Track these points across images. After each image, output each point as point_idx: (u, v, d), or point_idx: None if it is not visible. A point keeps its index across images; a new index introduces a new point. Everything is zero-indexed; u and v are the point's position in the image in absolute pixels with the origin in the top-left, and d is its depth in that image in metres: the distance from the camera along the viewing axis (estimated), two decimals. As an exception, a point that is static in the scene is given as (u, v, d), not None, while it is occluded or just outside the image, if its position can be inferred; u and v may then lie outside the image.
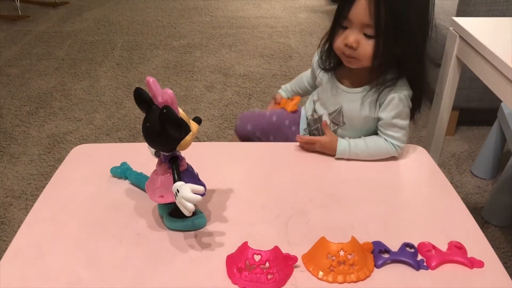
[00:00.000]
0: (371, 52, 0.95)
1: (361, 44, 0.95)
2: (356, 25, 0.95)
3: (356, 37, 0.95)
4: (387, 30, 0.93)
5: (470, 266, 0.74)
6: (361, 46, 0.95)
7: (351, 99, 1.03)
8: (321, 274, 0.71)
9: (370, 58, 0.96)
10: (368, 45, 0.95)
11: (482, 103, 2.01)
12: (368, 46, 0.95)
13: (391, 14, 0.92)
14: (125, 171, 0.92)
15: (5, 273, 0.72)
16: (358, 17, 0.94)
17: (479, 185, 1.79)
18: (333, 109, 1.06)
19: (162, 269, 0.73)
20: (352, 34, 0.95)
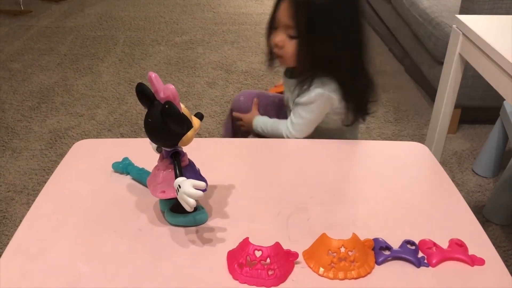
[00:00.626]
0: (294, 52, 1.01)
1: (285, 44, 1.02)
2: (281, 26, 1.01)
3: (281, 38, 1.02)
4: (308, 31, 0.98)
5: (471, 264, 0.74)
6: (285, 46, 1.02)
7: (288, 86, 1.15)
8: (321, 271, 0.72)
9: (294, 58, 1.02)
10: (292, 45, 1.01)
11: (484, 101, 2.01)
12: (291, 46, 1.01)
13: (312, 16, 0.97)
14: (127, 167, 0.92)
15: (7, 267, 0.72)
16: (282, 19, 1.00)
17: (480, 184, 1.78)
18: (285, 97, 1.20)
19: (163, 265, 0.73)
20: (278, 34, 1.02)
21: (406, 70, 2.67)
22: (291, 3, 0.98)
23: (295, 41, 1.00)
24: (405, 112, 2.27)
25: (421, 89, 2.47)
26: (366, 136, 2.08)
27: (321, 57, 1.02)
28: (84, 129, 2.07)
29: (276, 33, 1.03)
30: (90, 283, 0.70)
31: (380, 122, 2.18)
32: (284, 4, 1.00)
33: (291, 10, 0.98)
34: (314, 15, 0.97)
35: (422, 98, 2.40)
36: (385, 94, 2.43)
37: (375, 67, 2.09)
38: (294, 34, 1.00)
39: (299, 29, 0.99)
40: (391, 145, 1.15)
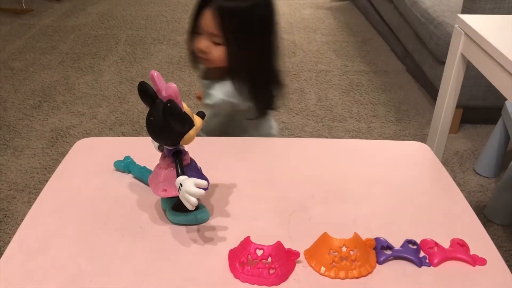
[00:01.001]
0: (221, 56, 1.06)
1: (211, 49, 1.05)
2: (205, 33, 1.05)
3: (206, 44, 1.05)
4: (232, 39, 1.03)
5: (472, 264, 0.74)
6: (211, 51, 1.06)
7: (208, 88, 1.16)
8: (323, 270, 0.71)
9: (223, 61, 1.07)
10: (218, 50, 1.05)
11: (486, 101, 2.01)
12: (218, 51, 1.05)
13: (237, 25, 1.02)
14: (129, 165, 0.92)
15: (9, 265, 0.73)
16: (206, 27, 1.03)
17: (482, 184, 1.78)
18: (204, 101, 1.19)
19: (164, 263, 0.73)
20: (202, 40, 1.06)
21: (407, 69, 2.67)
22: (216, 14, 1.02)
23: (220, 47, 1.05)
24: (407, 111, 2.27)
25: (422, 89, 2.47)
26: (368, 135, 2.08)
27: (243, 61, 1.08)
28: (86, 127, 2.07)
29: (200, 39, 1.06)
30: (91, 281, 0.70)
31: (382, 122, 2.18)
32: (208, 14, 1.03)
33: (216, 20, 1.02)
34: (239, 24, 1.03)
35: (423, 98, 2.39)
36: (387, 93, 2.43)
37: (376, 66, 2.10)
38: (219, 41, 1.04)
39: (225, 38, 1.04)
40: (393, 145, 1.15)
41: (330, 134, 2.09)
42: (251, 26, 1.05)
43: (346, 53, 2.86)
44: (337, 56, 2.82)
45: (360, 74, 2.61)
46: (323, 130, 2.12)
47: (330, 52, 2.87)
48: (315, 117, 2.20)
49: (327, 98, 2.36)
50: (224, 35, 1.03)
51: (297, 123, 2.15)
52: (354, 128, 2.13)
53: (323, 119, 2.19)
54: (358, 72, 2.63)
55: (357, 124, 2.16)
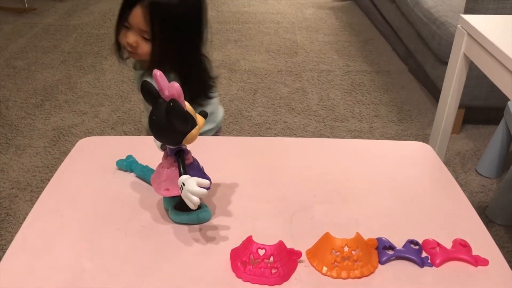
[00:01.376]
0: (149, 52, 1.09)
1: (140, 44, 1.08)
2: (135, 29, 1.07)
3: (135, 39, 1.08)
4: (162, 35, 1.06)
5: (474, 264, 0.74)
6: (140, 46, 1.09)
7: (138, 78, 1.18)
8: (325, 270, 0.71)
9: (148, 57, 1.10)
10: (146, 46, 1.08)
11: (488, 101, 2.01)
12: (146, 47, 1.08)
13: (167, 23, 1.05)
14: (131, 164, 0.93)
15: (11, 264, 0.73)
16: (136, 23, 1.06)
17: (484, 184, 1.78)
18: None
19: (166, 262, 0.73)
20: (131, 35, 1.08)
21: (409, 69, 2.67)
22: (147, 11, 1.04)
23: (149, 43, 1.08)
24: (409, 112, 2.27)
25: (424, 89, 2.47)
26: (369, 135, 2.08)
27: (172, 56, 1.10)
28: (88, 127, 2.08)
29: (129, 34, 1.08)
30: (93, 280, 0.70)
31: (384, 122, 2.18)
32: (138, 10, 1.05)
33: (147, 17, 1.04)
34: (170, 22, 1.06)
35: (425, 98, 2.39)
36: (389, 93, 2.43)
37: (379, 66, 2.10)
38: (148, 37, 1.07)
39: (155, 35, 1.06)
40: (395, 145, 1.15)
41: (332, 134, 2.09)
42: (181, 23, 1.08)
43: (348, 53, 2.86)
44: (339, 56, 2.82)
45: (362, 74, 2.61)
46: (325, 130, 2.12)
47: (332, 52, 2.86)
48: (317, 117, 2.20)
49: (329, 98, 2.36)
50: (154, 33, 1.06)
51: (299, 123, 2.15)
52: (356, 128, 2.13)
53: (325, 119, 2.19)
54: (360, 72, 2.63)
55: (359, 124, 2.16)
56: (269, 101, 2.30)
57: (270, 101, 2.31)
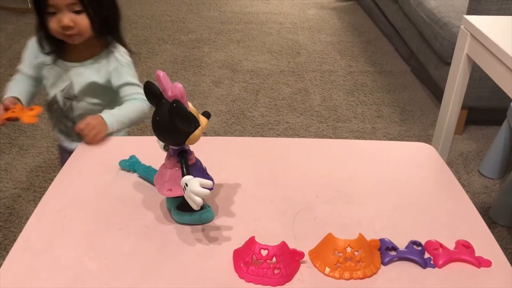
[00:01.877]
0: (88, 24, 1.07)
1: (76, 21, 1.05)
2: (63, 7, 1.04)
3: (69, 17, 1.04)
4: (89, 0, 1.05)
5: (477, 265, 0.74)
6: (77, 23, 1.05)
7: (79, 72, 1.15)
8: (327, 270, 0.71)
9: (90, 29, 1.08)
10: (82, 19, 1.06)
11: (491, 102, 2.01)
12: (83, 20, 1.06)
13: None
14: (134, 164, 0.93)
15: (14, 263, 0.73)
16: (61, 0, 1.03)
17: (486, 185, 1.78)
18: (63, 86, 1.16)
19: (169, 262, 0.73)
20: (64, 16, 1.04)
21: (412, 70, 2.66)
22: None
23: (83, 14, 1.06)
24: (411, 112, 2.27)
25: (427, 90, 2.47)
26: (372, 136, 2.08)
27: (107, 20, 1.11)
28: (90, 127, 2.08)
29: (60, 17, 1.05)
30: (96, 280, 0.70)
31: (386, 123, 2.18)
32: None
33: None
34: None
35: (428, 99, 2.39)
36: (391, 94, 2.42)
37: (381, 67, 2.09)
38: (80, 8, 1.05)
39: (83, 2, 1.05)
40: (398, 146, 1.15)
41: (334, 135, 2.09)
42: None
43: (351, 53, 2.86)
44: (341, 56, 2.81)
45: (365, 75, 2.61)
46: (328, 130, 2.12)
47: (334, 52, 2.86)
48: (320, 118, 2.20)
49: (331, 99, 2.36)
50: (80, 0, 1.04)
51: (301, 123, 2.15)
52: (359, 129, 2.13)
53: (328, 120, 2.19)
54: (363, 73, 2.63)
55: (361, 124, 2.16)
56: (272, 102, 2.31)
57: (273, 101, 2.31)
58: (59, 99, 1.18)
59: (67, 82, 1.16)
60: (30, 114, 1.05)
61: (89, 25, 1.07)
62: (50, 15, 1.06)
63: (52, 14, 1.06)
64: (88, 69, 1.15)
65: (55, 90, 1.18)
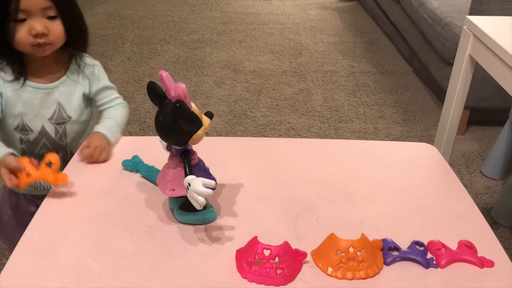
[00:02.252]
0: (62, 30, 0.96)
1: (50, 28, 0.94)
2: (37, 12, 0.92)
3: (43, 23, 0.93)
4: (64, 5, 0.96)
5: (480, 266, 0.74)
6: (51, 29, 0.94)
7: (64, 90, 1.02)
8: (330, 270, 0.72)
9: (63, 37, 0.97)
10: (57, 25, 0.95)
11: (493, 102, 2.00)
12: (57, 26, 0.95)
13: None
14: (137, 164, 0.93)
15: (18, 264, 0.73)
16: (36, 4, 0.91)
17: (489, 185, 1.78)
18: (50, 112, 1.01)
19: (172, 262, 0.73)
20: (36, 22, 0.92)
21: (414, 70, 2.66)
22: None
23: (57, 20, 0.95)
24: (413, 113, 2.27)
25: (429, 90, 2.46)
26: (374, 136, 2.08)
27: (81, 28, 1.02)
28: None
29: (32, 23, 0.92)
30: (100, 280, 0.70)
31: (388, 123, 2.18)
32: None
33: None
34: None
35: (430, 99, 2.39)
36: (393, 94, 2.42)
37: (383, 67, 2.08)
38: (54, 13, 0.94)
39: (59, 5, 0.94)
40: (400, 146, 1.15)
41: (336, 135, 2.09)
42: None
43: (353, 53, 2.86)
44: (343, 56, 2.81)
45: (367, 75, 2.61)
46: (329, 131, 2.12)
47: (336, 52, 2.86)
48: (321, 118, 2.20)
49: (333, 99, 2.36)
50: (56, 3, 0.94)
51: (303, 123, 2.15)
52: (361, 129, 2.13)
53: (330, 120, 2.19)
54: (365, 73, 2.63)
55: (363, 125, 2.16)
56: (274, 102, 2.31)
57: (275, 101, 2.31)
58: (49, 129, 1.02)
59: (53, 106, 1.01)
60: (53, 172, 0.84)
61: (63, 33, 0.96)
62: (17, 22, 0.92)
63: (21, 22, 0.92)
64: (71, 83, 1.03)
65: (40, 122, 1.01)
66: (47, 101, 1.01)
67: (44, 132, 1.02)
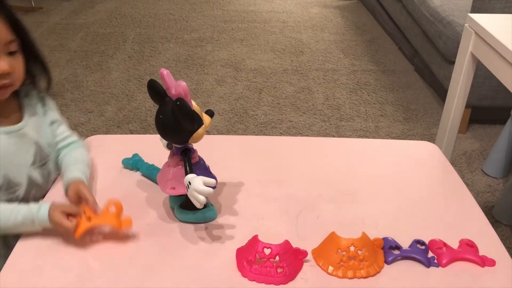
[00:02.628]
0: (22, 68, 0.85)
1: (13, 65, 0.82)
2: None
3: (7, 61, 0.81)
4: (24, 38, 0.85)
5: (481, 265, 0.73)
6: (15, 67, 0.82)
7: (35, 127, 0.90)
8: (331, 269, 0.71)
9: (23, 75, 0.86)
10: (18, 62, 0.83)
11: (495, 101, 2.00)
12: (18, 63, 0.84)
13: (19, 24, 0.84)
14: (137, 163, 0.93)
15: (18, 262, 0.73)
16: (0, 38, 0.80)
17: (490, 184, 1.77)
18: (31, 157, 0.87)
19: (172, 261, 0.73)
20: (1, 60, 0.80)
21: (415, 69, 2.65)
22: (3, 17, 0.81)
23: (18, 56, 0.84)
24: (414, 111, 2.26)
25: (430, 88, 2.46)
26: (375, 135, 2.08)
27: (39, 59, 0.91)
28: (94, 125, 2.08)
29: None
30: (100, 278, 0.70)
31: (389, 121, 2.17)
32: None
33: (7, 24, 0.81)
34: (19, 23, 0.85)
35: (431, 97, 2.38)
36: (394, 93, 2.42)
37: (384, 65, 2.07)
38: (16, 48, 0.83)
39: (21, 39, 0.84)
40: (401, 144, 1.15)
41: (337, 133, 2.09)
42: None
43: (354, 52, 2.85)
44: (344, 55, 2.81)
45: (368, 73, 2.60)
46: (331, 129, 2.11)
47: (337, 51, 2.86)
48: (323, 116, 2.20)
49: (334, 97, 2.36)
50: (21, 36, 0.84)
51: (304, 122, 2.15)
52: (362, 128, 2.12)
53: (331, 118, 2.18)
54: (366, 71, 2.62)
55: (364, 123, 2.16)
56: (275, 100, 2.30)
57: (276, 100, 2.31)
58: (36, 176, 0.88)
59: (31, 149, 0.88)
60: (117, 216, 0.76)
61: (23, 71, 0.85)
62: None
63: None
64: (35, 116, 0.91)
65: (24, 171, 0.86)
66: (24, 145, 0.87)
67: (32, 182, 0.88)
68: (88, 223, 0.73)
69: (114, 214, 0.75)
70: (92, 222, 0.73)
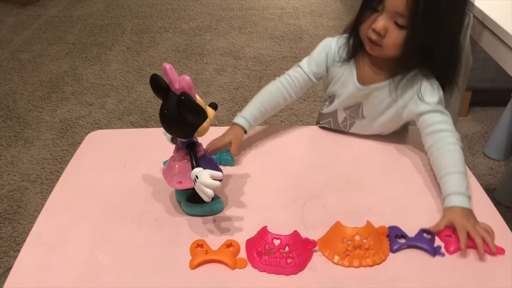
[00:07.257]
0: (398, 42, 0.88)
1: (389, 32, 0.87)
2: (389, 12, 0.86)
3: (385, 24, 0.86)
4: (421, 22, 0.85)
5: (490, 253, 0.74)
6: (388, 34, 0.87)
7: (373, 95, 0.96)
8: (337, 259, 0.72)
9: (396, 49, 0.89)
10: (397, 35, 0.87)
11: (495, 83, 1.99)
12: (397, 36, 0.87)
13: (429, 7, 0.84)
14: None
15: (27, 259, 0.74)
16: (393, 4, 0.85)
17: (491, 166, 1.78)
18: (350, 104, 1.00)
19: (181, 254, 0.74)
20: (381, 19, 0.87)
21: (415, 53, 2.65)
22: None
23: (402, 31, 0.86)
24: (415, 95, 2.26)
25: (431, 72, 2.46)
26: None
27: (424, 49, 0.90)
28: (95, 118, 2.08)
29: (379, 18, 0.87)
30: (109, 273, 0.71)
31: (390, 106, 2.17)
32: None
33: None
34: (433, 5, 0.84)
35: (432, 81, 2.38)
36: (395, 77, 2.41)
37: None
38: (404, 23, 0.86)
39: (413, 19, 0.85)
40: (404, 130, 1.15)
41: (338, 120, 2.09)
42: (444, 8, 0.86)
43: (353, 37, 2.84)
44: (344, 40, 2.80)
45: (368, 58, 2.59)
46: (332, 115, 2.12)
47: (336, 36, 2.85)
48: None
49: (334, 84, 2.35)
50: (413, 16, 0.84)
51: (305, 109, 2.15)
52: (363, 113, 2.12)
53: (331, 105, 2.19)
54: (366, 56, 2.61)
55: (365, 109, 2.16)
56: (275, 88, 2.30)
57: (276, 88, 2.30)
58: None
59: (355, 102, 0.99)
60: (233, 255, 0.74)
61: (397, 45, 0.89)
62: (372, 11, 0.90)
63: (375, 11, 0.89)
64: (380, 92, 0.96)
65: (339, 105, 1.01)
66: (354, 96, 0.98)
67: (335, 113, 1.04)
68: (204, 257, 0.73)
69: (231, 252, 0.73)
70: (208, 256, 0.73)
